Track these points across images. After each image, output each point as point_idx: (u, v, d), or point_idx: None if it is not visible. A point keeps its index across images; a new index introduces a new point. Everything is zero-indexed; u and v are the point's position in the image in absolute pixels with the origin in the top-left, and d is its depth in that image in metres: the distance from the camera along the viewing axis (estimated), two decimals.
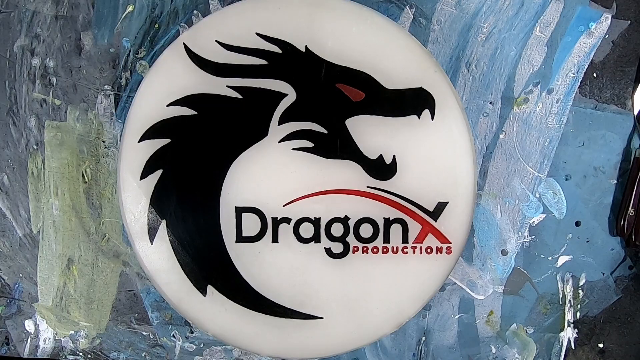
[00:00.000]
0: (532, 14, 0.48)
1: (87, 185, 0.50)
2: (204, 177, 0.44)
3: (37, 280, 0.51)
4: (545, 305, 0.52)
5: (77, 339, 0.52)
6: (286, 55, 0.44)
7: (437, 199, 0.45)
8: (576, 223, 0.50)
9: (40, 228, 0.50)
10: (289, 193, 0.44)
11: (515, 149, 0.49)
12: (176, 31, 0.48)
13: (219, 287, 0.45)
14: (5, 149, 0.50)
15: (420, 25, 0.48)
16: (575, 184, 0.50)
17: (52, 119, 0.49)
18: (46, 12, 0.48)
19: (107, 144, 0.49)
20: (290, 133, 0.44)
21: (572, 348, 0.52)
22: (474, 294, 0.51)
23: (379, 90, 0.44)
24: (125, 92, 0.49)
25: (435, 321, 0.51)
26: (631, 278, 0.52)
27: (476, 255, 0.50)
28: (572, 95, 0.49)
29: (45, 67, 0.49)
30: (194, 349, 0.52)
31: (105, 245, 0.50)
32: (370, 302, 0.45)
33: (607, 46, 0.49)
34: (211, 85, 0.44)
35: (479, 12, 0.48)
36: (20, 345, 0.52)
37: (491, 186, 0.50)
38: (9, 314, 0.52)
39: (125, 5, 0.48)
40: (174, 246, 0.45)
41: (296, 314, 0.45)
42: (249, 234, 0.45)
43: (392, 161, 0.44)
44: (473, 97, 0.49)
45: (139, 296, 0.51)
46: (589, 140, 0.50)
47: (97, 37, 0.48)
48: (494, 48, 0.48)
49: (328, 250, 0.45)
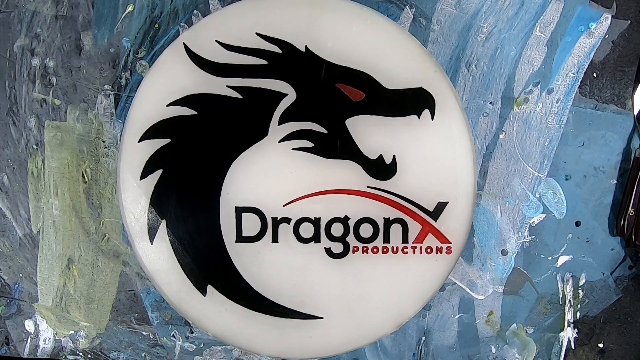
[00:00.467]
0: (532, 14, 0.48)
1: (87, 185, 0.49)
2: (204, 177, 0.44)
3: (37, 280, 0.51)
4: (545, 305, 0.52)
5: (77, 338, 0.52)
6: (286, 55, 0.43)
7: (437, 199, 0.45)
8: (576, 223, 0.50)
9: (40, 228, 0.50)
10: (289, 193, 0.44)
11: (515, 148, 0.49)
12: (176, 31, 0.48)
13: (219, 287, 0.45)
14: (5, 148, 0.50)
15: (420, 25, 0.48)
16: (575, 184, 0.50)
17: (52, 118, 0.49)
18: (46, 12, 0.48)
19: (107, 144, 0.49)
20: (290, 133, 0.44)
21: (572, 348, 0.52)
22: (474, 294, 0.51)
23: (379, 90, 0.44)
24: (125, 92, 0.49)
25: (435, 321, 0.51)
26: (631, 278, 0.52)
27: (476, 255, 0.50)
28: (572, 95, 0.49)
29: (45, 67, 0.49)
30: (194, 349, 0.52)
31: (105, 245, 0.50)
32: (370, 302, 0.45)
33: (607, 46, 0.49)
34: (211, 85, 0.43)
35: (479, 12, 0.48)
36: (20, 345, 0.52)
37: (491, 186, 0.50)
38: (9, 314, 0.52)
39: (125, 5, 0.48)
40: (173, 246, 0.45)
41: (296, 314, 0.45)
42: (249, 234, 0.45)
43: (392, 161, 0.44)
44: (473, 97, 0.49)
45: (139, 296, 0.51)
46: (589, 140, 0.50)
47: (97, 37, 0.48)
48: (494, 48, 0.48)
49: (328, 250, 0.45)
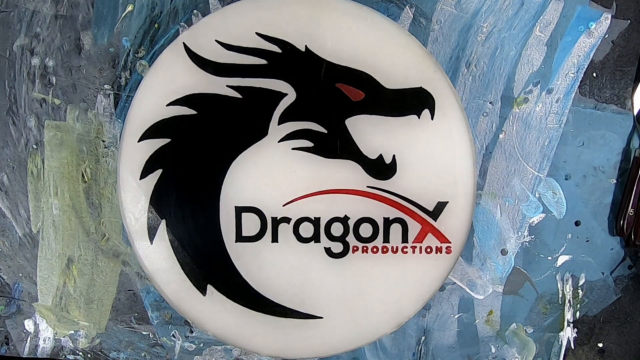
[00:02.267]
0: (532, 13, 0.48)
1: (86, 184, 0.49)
2: (204, 176, 0.44)
3: (36, 280, 0.51)
4: (544, 305, 0.52)
5: (77, 338, 0.52)
6: (286, 55, 0.43)
7: (437, 198, 0.45)
8: (576, 223, 0.50)
9: (40, 228, 0.50)
10: (288, 193, 0.44)
11: (515, 148, 0.49)
12: (176, 31, 0.48)
13: (218, 287, 0.45)
14: (5, 148, 0.49)
15: (420, 25, 0.48)
16: (575, 183, 0.50)
17: (51, 118, 0.49)
18: (46, 12, 0.48)
19: (107, 144, 0.49)
20: (290, 133, 0.44)
21: (572, 348, 0.52)
22: (474, 293, 0.51)
23: (378, 90, 0.44)
24: (125, 92, 0.49)
25: (435, 321, 0.51)
26: (631, 278, 0.52)
27: (476, 255, 0.50)
28: (571, 95, 0.49)
29: (44, 67, 0.48)
30: (193, 349, 0.52)
31: (105, 245, 0.50)
32: (370, 302, 0.45)
33: (606, 46, 0.49)
34: (211, 84, 0.43)
35: (479, 11, 0.48)
36: (20, 344, 0.52)
37: (491, 186, 0.50)
38: (9, 313, 0.52)
39: (125, 5, 0.48)
40: (173, 246, 0.45)
41: (296, 313, 0.45)
42: (249, 234, 0.45)
43: (392, 161, 0.44)
44: (473, 97, 0.49)
45: (138, 296, 0.51)
46: (589, 140, 0.50)
47: (97, 37, 0.48)
48: (493, 48, 0.48)
49: (328, 249, 0.45)
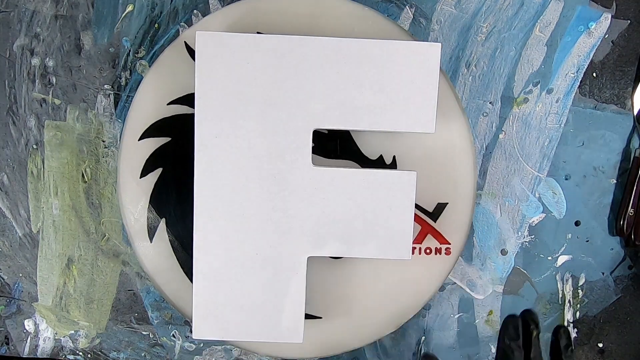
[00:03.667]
0: (532, 13, 0.48)
1: (86, 184, 0.49)
2: None
3: (36, 280, 0.51)
4: (544, 305, 0.52)
5: (77, 338, 0.52)
6: None
7: (437, 199, 0.45)
8: (576, 223, 0.50)
9: (40, 228, 0.50)
10: None
11: (515, 148, 0.49)
12: (176, 31, 0.48)
13: None
14: (5, 148, 0.49)
15: (420, 25, 0.48)
16: (575, 183, 0.50)
17: (51, 118, 0.49)
18: (46, 12, 0.48)
19: (107, 144, 0.49)
20: None
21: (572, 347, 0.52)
22: (474, 293, 0.51)
23: None
24: (125, 92, 0.49)
25: (434, 321, 0.51)
26: (631, 278, 0.52)
27: (476, 255, 0.50)
28: (571, 95, 0.49)
29: (45, 67, 0.48)
30: (193, 349, 0.52)
31: (105, 245, 0.50)
32: (369, 302, 0.45)
33: (606, 46, 0.49)
34: None
35: (479, 12, 0.48)
36: (20, 344, 0.52)
37: (491, 186, 0.50)
38: (9, 313, 0.52)
39: (125, 5, 0.48)
40: (173, 245, 0.45)
41: None
42: None
43: (392, 161, 0.44)
44: (473, 97, 0.49)
45: (138, 296, 0.51)
46: (589, 140, 0.50)
47: (97, 37, 0.48)
48: (493, 48, 0.48)
49: None
